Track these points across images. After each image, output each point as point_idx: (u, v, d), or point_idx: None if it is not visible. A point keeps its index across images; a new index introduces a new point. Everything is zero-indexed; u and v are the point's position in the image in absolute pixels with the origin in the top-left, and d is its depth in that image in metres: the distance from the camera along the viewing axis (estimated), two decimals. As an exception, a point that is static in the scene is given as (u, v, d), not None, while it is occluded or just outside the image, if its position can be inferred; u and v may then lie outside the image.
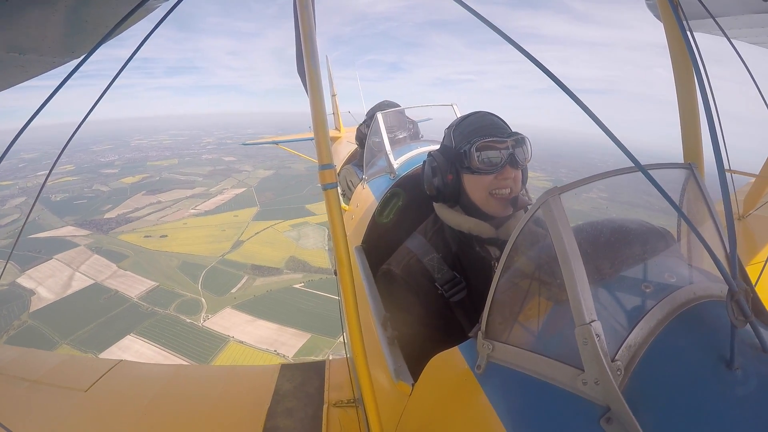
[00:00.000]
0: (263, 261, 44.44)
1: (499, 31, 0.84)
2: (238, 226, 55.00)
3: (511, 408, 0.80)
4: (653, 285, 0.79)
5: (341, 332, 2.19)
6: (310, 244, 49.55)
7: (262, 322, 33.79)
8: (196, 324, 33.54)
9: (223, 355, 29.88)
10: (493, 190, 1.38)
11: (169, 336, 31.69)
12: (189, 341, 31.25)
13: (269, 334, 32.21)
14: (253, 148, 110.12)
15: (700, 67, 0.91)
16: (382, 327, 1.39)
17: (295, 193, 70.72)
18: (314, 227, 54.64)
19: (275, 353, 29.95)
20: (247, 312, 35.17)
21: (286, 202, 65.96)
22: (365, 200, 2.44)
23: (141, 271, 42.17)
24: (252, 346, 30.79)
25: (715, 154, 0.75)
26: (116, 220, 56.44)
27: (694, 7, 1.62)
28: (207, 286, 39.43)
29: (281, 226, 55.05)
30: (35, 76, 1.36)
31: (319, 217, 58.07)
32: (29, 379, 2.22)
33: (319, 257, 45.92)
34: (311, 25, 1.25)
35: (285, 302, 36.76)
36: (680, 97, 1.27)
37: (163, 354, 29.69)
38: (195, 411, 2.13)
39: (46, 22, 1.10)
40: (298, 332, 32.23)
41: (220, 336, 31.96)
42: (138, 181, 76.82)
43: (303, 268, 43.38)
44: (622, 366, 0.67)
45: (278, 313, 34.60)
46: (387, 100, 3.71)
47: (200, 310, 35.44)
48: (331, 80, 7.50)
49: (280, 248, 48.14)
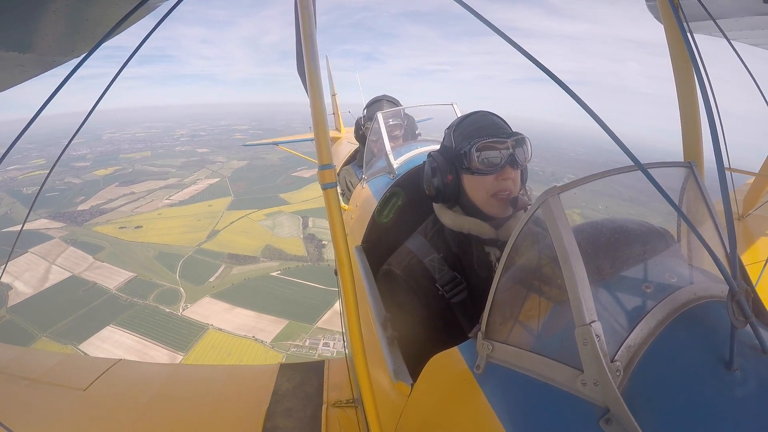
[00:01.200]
0: (239, 250, 44.68)
1: (498, 31, 0.84)
2: (213, 216, 55.05)
3: (510, 408, 0.80)
4: (653, 285, 0.79)
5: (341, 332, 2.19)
6: (285, 233, 49.88)
7: (240, 309, 34.21)
8: (175, 313, 33.75)
9: (202, 342, 30.30)
10: (493, 190, 1.37)
11: (149, 326, 31.81)
12: (169, 330, 31.47)
13: (247, 322, 32.66)
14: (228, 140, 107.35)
15: (700, 68, 0.91)
16: (382, 327, 1.38)
17: (268, 183, 70.63)
18: (289, 216, 54.98)
19: (253, 339, 30.52)
20: (225, 300, 35.57)
21: (260, 191, 65.97)
22: (365, 200, 2.44)
23: (118, 262, 41.96)
24: (231, 333, 31.27)
25: (716, 154, 0.75)
26: (90, 212, 55.82)
27: (694, 9, 1.62)
28: (185, 275, 39.56)
29: (256, 216, 55.21)
30: (35, 76, 1.36)
31: (293, 206, 58.75)
32: (28, 378, 2.22)
33: (295, 245, 46.31)
34: (311, 25, 1.25)
35: (262, 290, 37.22)
36: (680, 96, 1.27)
37: (143, 343, 29.86)
38: (194, 410, 2.13)
39: (47, 22, 1.10)
40: (275, 319, 32.79)
41: (199, 324, 32.27)
42: (110, 173, 75.97)
43: (279, 256, 43.77)
44: (622, 367, 0.67)
45: (256, 301, 35.09)
46: (385, 94, 3.70)
47: (179, 299, 35.61)
48: (331, 80, 7.50)
49: (256, 237, 48.38)
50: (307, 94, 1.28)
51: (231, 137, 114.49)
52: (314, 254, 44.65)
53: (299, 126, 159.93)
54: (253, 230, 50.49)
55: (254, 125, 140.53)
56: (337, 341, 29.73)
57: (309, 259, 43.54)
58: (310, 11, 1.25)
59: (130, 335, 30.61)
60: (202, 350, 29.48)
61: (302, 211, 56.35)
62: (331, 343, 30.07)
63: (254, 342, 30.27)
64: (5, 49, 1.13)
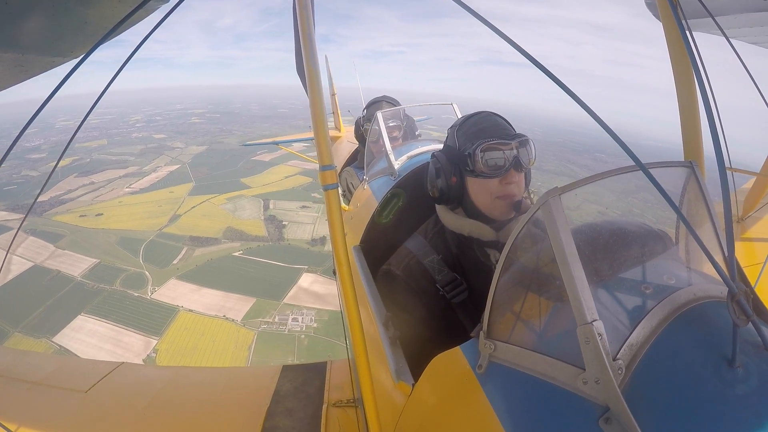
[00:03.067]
0: (201, 232, 44.89)
1: (498, 30, 0.84)
2: (174, 202, 54.94)
3: (511, 407, 0.80)
4: (653, 286, 0.79)
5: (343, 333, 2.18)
6: (247, 215, 50.15)
7: (208, 290, 34.46)
8: (144, 297, 33.77)
9: (175, 325, 30.39)
10: (496, 194, 1.36)
11: (120, 312, 31.71)
12: (141, 315, 31.46)
13: (216, 301, 32.95)
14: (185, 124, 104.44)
15: (699, 66, 0.91)
16: (383, 327, 1.38)
17: (229, 168, 70.54)
18: (250, 199, 55.09)
19: (224, 318, 30.83)
20: (191, 282, 35.79)
21: (221, 176, 65.85)
22: (365, 200, 2.44)
23: (79, 249, 41.53)
24: (202, 313, 31.48)
25: (716, 153, 0.75)
26: (49, 203, 54.51)
27: (693, 6, 1.62)
28: (148, 259, 39.54)
29: (217, 200, 55.36)
30: (35, 76, 1.36)
31: (254, 189, 58.57)
32: (29, 381, 2.21)
33: (256, 226, 46.72)
34: (311, 25, 1.25)
35: (226, 270, 37.53)
36: (680, 95, 1.27)
37: (117, 330, 29.77)
38: (195, 412, 2.13)
39: (47, 23, 1.10)
40: (243, 297, 33.14)
41: (169, 306, 32.38)
42: (68, 164, 74.02)
43: (240, 237, 44.14)
44: (624, 365, 0.67)
45: (221, 281, 35.40)
46: (385, 95, 3.70)
47: (146, 283, 35.67)
48: (331, 80, 7.49)
49: (217, 220, 48.62)
50: (307, 94, 1.28)
51: (188, 121, 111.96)
52: (275, 234, 45.11)
53: (256, 109, 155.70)
54: (214, 214, 50.70)
55: (210, 108, 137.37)
56: (305, 315, 30.65)
57: (270, 239, 44.00)
58: (309, 11, 1.25)
59: (103, 323, 30.45)
60: (175, 333, 29.62)
61: (264, 194, 56.52)
62: (299, 318, 30.61)
63: (225, 321, 30.66)
64: (5, 49, 1.13)
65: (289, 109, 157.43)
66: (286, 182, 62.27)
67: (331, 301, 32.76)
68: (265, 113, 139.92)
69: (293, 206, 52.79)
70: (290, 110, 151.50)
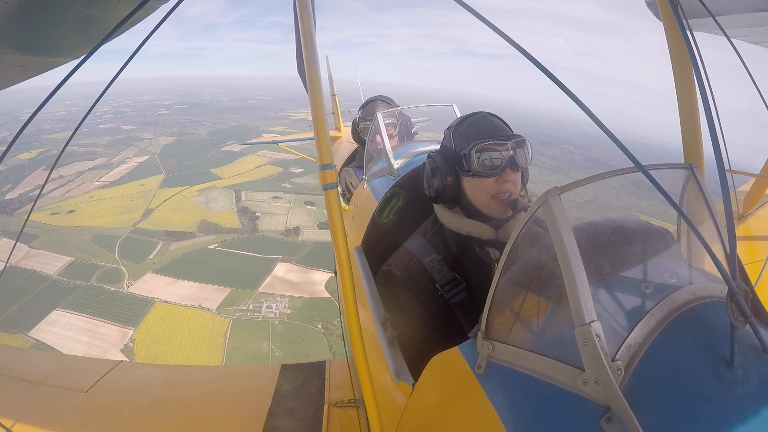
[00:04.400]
0: (175, 227, 44.99)
1: (498, 31, 0.84)
2: (145, 195, 54.69)
3: (512, 408, 0.80)
4: (653, 285, 0.79)
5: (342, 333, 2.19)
6: (219, 207, 50.36)
7: (184, 282, 34.88)
8: (120, 291, 34.04)
9: (150, 315, 30.85)
10: (492, 192, 1.37)
11: (96, 305, 31.93)
12: (116, 307, 31.75)
13: (192, 292, 33.44)
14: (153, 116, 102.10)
15: (699, 67, 0.91)
16: (382, 327, 1.39)
17: (199, 158, 70.34)
18: (222, 191, 55.22)
19: (199, 307, 31.41)
20: (167, 275, 36.12)
21: (191, 167, 65.71)
22: (365, 200, 2.44)
23: (54, 248, 41.19)
24: (177, 304, 31.98)
25: (716, 154, 0.75)
26: (19, 200, 53.12)
27: (693, 6, 1.62)
28: (124, 255, 39.66)
29: (189, 192, 55.33)
30: (35, 76, 1.36)
31: (225, 180, 58.57)
32: (29, 379, 2.22)
33: (229, 219, 47.13)
34: (311, 25, 1.25)
35: (202, 262, 37.97)
36: (680, 96, 1.27)
37: (93, 322, 29.99)
38: (195, 411, 2.13)
39: (47, 22, 1.10)
40: (218, 288, 33.72)
41: (145, 299, 32.72)
42: (35, 156, 72.04)
43: (215, 230, 44.46)
44: (623, 366, 0.67)
45: (197, 273, 35.87)
46: (380, 94, 3.69)
47: (122, 278, 35.89)
48: (332, 80, 7.49)
49: (190, 213, 48.78)
50: (308, 94, 1.28)
51: (156, 113, 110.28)
52: (249, 226, 45.32)
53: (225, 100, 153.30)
54: (187, 207, 50.73)
55: (179, 99, 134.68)
56: (279, 303, 31.37)
57: (244, 231, 44.26)
58: (310, 11, 1.25)
59: (78, 316, 30.60)
60: (151, 323, 30.00)
61: (235, 185, 56.52)
62: (273, 305, 31.28)
63: (201, 310, 31.19)
64: (6, 49, 1.13)
65: (258, 100, 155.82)
66: (257, 172, 62.09)
67: (305, 289, 33.49)
68: (234, 104, 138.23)
69: (265, 197, 52.81)
70: (260, 101, 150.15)
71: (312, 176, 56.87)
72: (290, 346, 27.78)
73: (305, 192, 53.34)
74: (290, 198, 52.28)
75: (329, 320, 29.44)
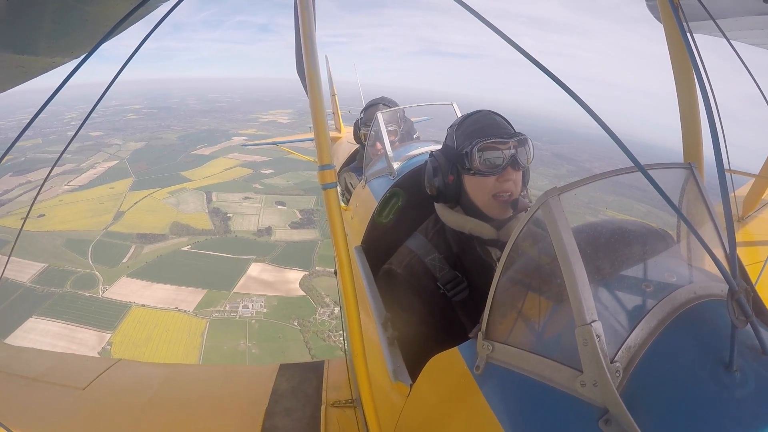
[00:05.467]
0: (147, 229, 44.76)
1: (499, 31, 0.84)
2: (116, 198, 54.26)
3: (510, 409, 0.80)
4: (653, 284, 0.79)
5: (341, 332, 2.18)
6: (191, 209, 50.18)
7: (159, 285, 34.85)
8: (96, 296, 33.90)
9: (127, 319, 30.87)
10: (493, 191, 1.37)
11: (72, 311, 31.77)
12: (93, 313, 31.66)
13: (167, 295, 33.42)
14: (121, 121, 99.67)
15: (700, 68, 0.91)
16: (382, 327, 1.38)
17: (169, 162, 69.83)
18: (192, 192, 54.99)
19: (176, 310, 31.47)
20: (142, 278, 36.02)
21: (161, 171, 65.16)
22: (365, 200, 2.44)
23: (26, 254, 40.12)
24: (154, 307, 31.98)
25: (716, 154, 0.75)
26: None
27: (694, 9, 1.62)
28: (97, 259, 39.35)
29: (159, 194, 54.92)
30: (35, 77, 1.36)
31: (195, 182, 58.32)
32: (27, 377, 2.21)
33: (201, 220, 47.07)
34: (311, 25, 1.25)
35: (176, 264, 37.89)
36: (680, 97, 1.27)
37: (70, 328, 29.91)
38: (193, 410, 2.13)
39: (46, 23, 1.10)
40: (194, 289, 33.75)
41: (121, 303, 32.68)
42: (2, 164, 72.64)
43: (187, 232, 44.27)
44: (621, 367, 0.67)
45: (172, 275, 35.83)
46: (383, 96, 3.69)
47: (97, 283, 35.71)
48: (331, 80, 7.50)
49: (162, 215, 48.50)
50: (307, 94, 1.28)
51: (124, 118, 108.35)
52: (221, 227, 45.20)
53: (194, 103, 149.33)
54: (158, 209, 50.38)
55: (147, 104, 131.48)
56: (255, 302, 31.50)
57: (216, 232, 44.20)
58: (310, 11, 1.25)
59: (55, 323, 30.48)
60: (128, 326, 30.03)
61: (205, 186, 56.26)
62: (250, 305, 31.47)
63: (177, 312, 31.25)
64: (6, 50, 1.13)
65: (227, 102, 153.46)
66: (227, 174, 61.86)
67: (280, 288, 33.65)
68: (203, 107, 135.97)
69: (236, 198, 52.59)
70: (229, 104, 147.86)
71: (282, 177, 57.30)
72: (267, 344, 28.03)
73: (276, 192, 53.38)
74: (261, 198, 52.16)
75: (305, 318, 29.94)
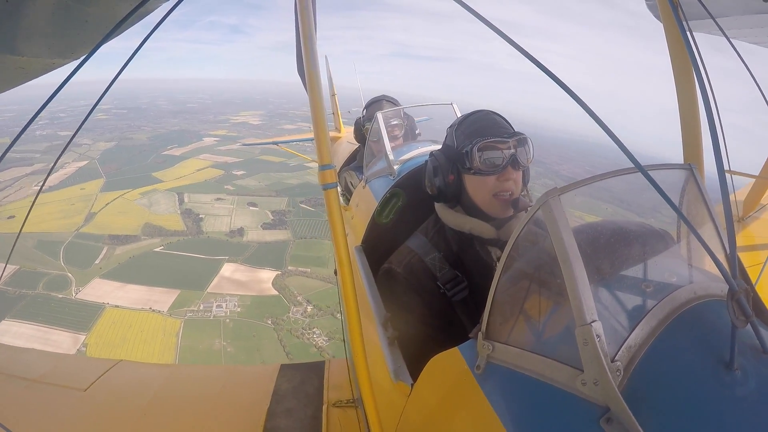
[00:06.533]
0: (119, 230, 44.55)
1: (500, 32, 0.84)
2: (87, 199, 53.54)
3: (511, 408, 0.80)
4: (653, 284, 0.79)
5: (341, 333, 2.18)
6: (163, 210, 49.94)
7: (132, 286, 34.82)
8: (69, 298, 33.74)
9: (102, 320, 30.85)
10: (494, 191, 1.37)
11: (45, 313, 31.60)
12: (66, 314, 31.55)
13: (141, 296, 33.42)
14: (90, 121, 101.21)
15: (700, 68, 0.91)
16: (382, 327, 1.39)
17: (140, 163, 69.30)
18: (164, 193, 54.75)
19: (150, 310, 31.54)
20: (115, 279, 35.97)
21: (132, 171, 64.74)
22: (365, 200, 2.44)
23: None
24: (128, 308, 31.98)
25: (715, 155, 0.75)
26: None
27: (694, 8, 1.62)
28: (69, 261, 39.05)
29: (131, 195, 54.58)
30: (35, 78, 1.36)
31: (167, 183, 57.91)
32: (28, 378, 2.22)
33: (173, 221, 46.99)
34: (311, 26, 1.25)
35: (149, 265, 37.83)
36: (680, 97, 1.27)
37: (43, 330, 29.78)
38: (195, 411, 2.13)
39: (46, 23, 1.10)
40: (167, 290, 33.78)
41: (95, 304, 32.57)
42: None
43: (159, 233, 44.13)
44: (622, 366, 0.67)
45: (145, 276, 35.79)
46: (384, 94, 3.70)
47: (69, 284, 35.51)
48: (331, 80, 7.50)
49: (134, 216, 48.25)
50: (307, 94, 1.28)
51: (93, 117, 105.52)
52: (193, 228, 45.07)
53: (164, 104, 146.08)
54: (130, 210, 50.10)
55: (117, 104, 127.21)
56: (229, 302, 31.71)
57: (189, 233, 44.07)
58: (310, 11, 1.25)
59: (28, 325, 30.33)
60: (103, 327, 30.05)
61: (177, 187, 55.38)
62: (224, 305, 31.70)
63: (151, 313, 31.30)
64: (5, 51, 1.13)
65: (198, 103, 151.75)
66: (198, 175, 61.54)
67: (253, 287, 33.77)
68: (173, 108, 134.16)
69: (208, 199, 52.45)
70: (199, 105, 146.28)
71: (253, 178, 57.20)
72: (241, 342, 28.15)
73: (248, 193, 53.25)
74: (233, 200, 52.06)
75: (278, 316, 30.24)
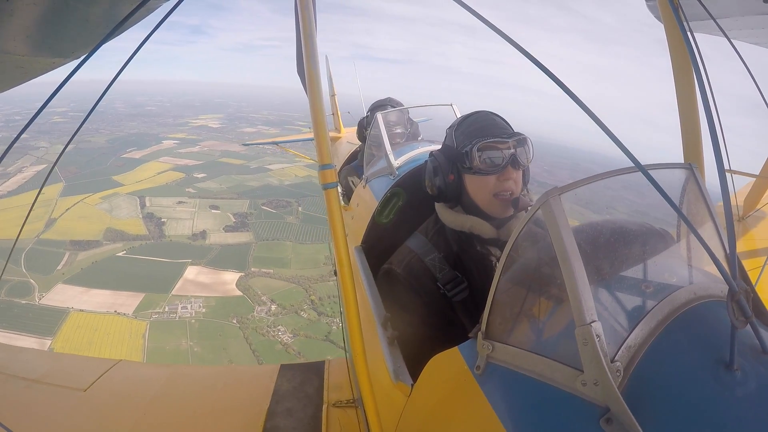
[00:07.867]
0: (81, 236, 44.12)
1: (501, 32, 0.84)
2: (46, 204, 52.11)
3: (511, 409, 0.80)
4: (653, 285, 0.79)
5: (341, 333, 2.18)
6: (124, 214, 49.72)
7: (96, 290, 34.79)
8: (32, 303, 33.61)
9: (67, 324, 30.82)
10: (494, 191, 1.38)
11: (9, 319, 31.42)
12: (31, 320, 31.49)
13: (105, 300, 33.48)
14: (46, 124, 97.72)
15: (700, 68, 0.91)
16: (382, 327, 1.38)
17: (99, 166, 68.46)
18: (125, 197, 54.36)
19: (115, 313, 31.64)
20: (79, 284, 35.85)
21: (92, 175, 63.86)
22: (365, 200, 2.44)
23: None
24: (93, 311, 32.05)
25: (716, 155, 0.75)
26: None
27: (694, 9, 1.62)
28: (31, 267, 38.55)
29: (91, 200, 53.90)
30: (35, 77, 1.36)
31: (128, 187, 56.83)
32: (28, 378, 2.21)
33: (135, 225, 46.90)
34: (311, 25, 1.25)
35: (112, 270, 37.82)
36: (680, 97, 1.27)
37: (8, 336, 29.41)
38: (195, 411, 2.13)
39: (47, 23, 1.10)
40: (132, 293, 33.89)
41: (59, 309, 32.54)
42: None
43: (122, 237, 44.06)
44: (622, 367, 0.67)
45: (109, 281, 35.79)
46: (390, 98, 3.70)
47: (32, 291, 35.28)
48: (331, 80, 7.51)
49: (95, 221, 47.87)
50: (307, 94, 1.28)
51: (50, 121, 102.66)
52: (156, 232, 44.82)
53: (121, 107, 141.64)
54: (91, 215, 49.58)
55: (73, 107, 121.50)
56: (194, 303, 32.31)
57: (151, 237, 44.00)
58: (310, 12, 1.25)
59: None
60: (68, 331, 30.01)
61: (138, 191, 55.06)
62: (189, 306, 32.21)
63: (117, 316, 31.39)
64: (5, 50, 1.13)
65: (156, 106, 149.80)
66: (159, 178, 61.05)
67: (217, 289, 34.16)
68: (131, 111, 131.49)
69: (169, 202, 52.08)
70: (158, 107, 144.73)
71: (214, 181, 57.13)
72: (208, 342, 28.34)
73: (209, 196, 53.12)
74: (195, 203, 51.90)
75: (243, 315, 30.74)
